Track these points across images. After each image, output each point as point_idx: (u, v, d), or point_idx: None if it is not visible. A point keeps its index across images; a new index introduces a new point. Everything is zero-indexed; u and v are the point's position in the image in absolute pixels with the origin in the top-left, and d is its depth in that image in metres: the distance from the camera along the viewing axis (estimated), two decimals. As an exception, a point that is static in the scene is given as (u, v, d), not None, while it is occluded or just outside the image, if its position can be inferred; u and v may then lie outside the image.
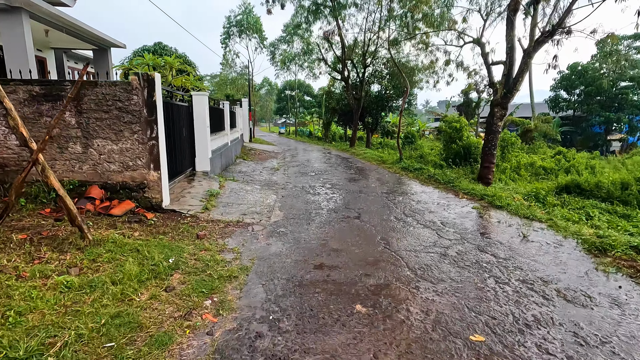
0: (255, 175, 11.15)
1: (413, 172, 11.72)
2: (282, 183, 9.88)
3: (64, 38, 11.50)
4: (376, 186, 9.42)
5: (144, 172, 5.54)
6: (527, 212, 6.69)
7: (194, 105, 8.99)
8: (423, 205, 7.36)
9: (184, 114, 8.62)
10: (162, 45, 14.03)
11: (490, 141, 9.49)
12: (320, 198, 7.83)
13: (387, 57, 22.46)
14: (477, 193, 8.15)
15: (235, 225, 5.55)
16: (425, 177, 10.62)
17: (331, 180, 10.35)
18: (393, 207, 7.09)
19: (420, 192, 8.66)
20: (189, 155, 8.92)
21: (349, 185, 9.55)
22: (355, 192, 8.50)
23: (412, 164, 12.92)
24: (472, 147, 14.69)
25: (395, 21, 14.97)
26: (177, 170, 7.88)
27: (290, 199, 7.66)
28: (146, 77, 5.32)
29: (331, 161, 15.65)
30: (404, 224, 5.96)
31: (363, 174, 11.74)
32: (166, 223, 5.30)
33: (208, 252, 4.41)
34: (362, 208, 6.96)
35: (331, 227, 5.69)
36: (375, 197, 7.97)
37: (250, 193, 7.98)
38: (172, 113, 7.51)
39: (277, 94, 59.13)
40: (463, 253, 4.73)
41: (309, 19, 19.32)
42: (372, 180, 10.50)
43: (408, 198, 8.02)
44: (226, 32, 32.32)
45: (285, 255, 4.47)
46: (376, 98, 25.82)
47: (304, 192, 8.44)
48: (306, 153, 19.78)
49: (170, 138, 7.25)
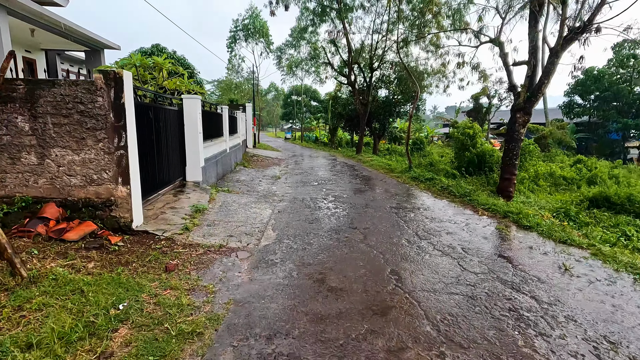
0: (254, 185, 10.25)
1: (424, 182, 10.69)
2: (282, 194, 8.94)
3: (54, 39, 10.80)
4: (384, 199, 8.43)
5: (110, 187, 4.65)
6: (562, 235, 5.64)
7: (185, 109, 8.13)
8: (438, 224, 6.35)
9: (173, 119, 7.77)
10: (160, 47, 13.34)
11: (512, 150, 8.44)
12: (322, 214, 6.87)
13: (395, 60, 21.53)
14: (499, 209, 7.11)
15: (217, 252, 4.61)
16: (438, 189, 9.59)
17: (335, 191, 9.39)
18: (404, 227, 6.10)
19: (433, 207, 7.64)
20: (178, 164, 8.06)
21: (354, 197, 8.57)
22: (361, 207, 7.52)
23: (422, 173, 11.89)
24: (486, 155, 13.62)
25: (404, 22, 14.04)
26: (163, 181, 7.00)
27: (287, 215, 6.71)
28: (113, 76, 4.45)
29: (336, 169, 14.69)
30: (418, 250, 4.96)
31: (370, 184, 10.75)
32: (133, 249, 4.39)
33: (174, 291, 3.48)
34: (368, 227, 5.97)
35: (331, 255, 4.72)
36: (383, 213, 6.98)
37: (243, 207, 7.05)
38: (158, 118, 6.66)
39: (284, 99, 58.55)
40: (495, 294, 3.72)
41: (315, 21, 18.50)
42: (380, 191, 9.51)
43: (421, 215, 7.02)
44: (232, 36, 31.75)
45: (270, 297, 3.51)
46: (383, 103, 24.86)
47: (304, 206, 7.49)
48: (311, 160, 18.87)
49: (155, 146, 6.40)
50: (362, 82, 23.71)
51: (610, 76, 26.69)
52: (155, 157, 6.47)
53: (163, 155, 6.96)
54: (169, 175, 7.36)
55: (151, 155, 6.24)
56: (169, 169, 7.34)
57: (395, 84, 24.41)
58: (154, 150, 6.35)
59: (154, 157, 6.39)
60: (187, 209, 6.23)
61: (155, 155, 6.44)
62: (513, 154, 8.42)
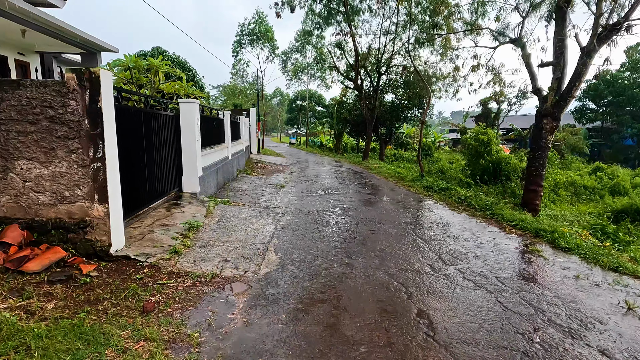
0: (256, 195, 9.52)
1: (438, 193, 9.89)
2: (286, 205, 8.20)
3: (49, 41, 10.22)
4: (398, 212, 7.65)
5: (85, 206, 3.94)
6: (611, 261, 4.82)
7: (181, 115, 7.45)
8: (463, 244, 5.55)
9: (169, 126, 7.09)
10: (161, 50, 12.75)
11: (537, 159, 7.63)
12: (330, 231, 6.10)
13: (403, 64, 20.84)
14: (529, 226, 6.29)
15: (208, 283, 3.86)
16: (454, 201, 8.78)
17: (343, 202, 8.62)
18: (424, 248, 5.31)
19: (453, 223, 6.84)
20: (174, 173, 7.36)
21: (364, 210, 7.80)
22: (373, 222, 6.74)
23: (435, 182, 11.09)
24: (502, 162, 12.80)
25: (415, 24, 13.30)
26: (155, 193, 6.30)
27: (292, 233, 5.95)
28: (88, 76, 3.75)
29: (343, 176, 13.93)
30: (446, 281, 4.18)
31: (380, 194, 9.97)
32: (108, 280, 3.65)
33: (149, 344, 2.73)
34: (384, 249, 5.19)
35: (344, 287, 3.94)
36: (399, 230, 6.20)
37: (243, 223, 6.31)
38: (150, 124, 5.97)
39: (289, 104, 58.06)
40: (554, 348, 2.92)
41: (321, 24, 17.85)
42: (392, 203, 8.72)
43: (441, 232, 6.22)
44: (238, 40, 31.28)
45: (270, 354, 2.74)
46: (390, 108, 24.12)
47: (310, 221, 6.73)
48: (316, 166, 18.13)
49: (145, 155, 5.70)
50: (368, 86, 23.03)
51: (623, 80, 25.73)
52: (146, 167, 5.77)
53: (155, 166, 6.26)
54: (162, 187, 6.65)
55: (140, 166, 5.54)
56: (162, 180, 6.64)
57: (402, 88, 23.70)
58: (143, 160, 5.65)
59: (144, 168, 5.69)
60: (180, 226, 5.49)
61: (145, 165, 5.74)
62: (539, 164, 7.60)
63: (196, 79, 13.90)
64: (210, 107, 10.40)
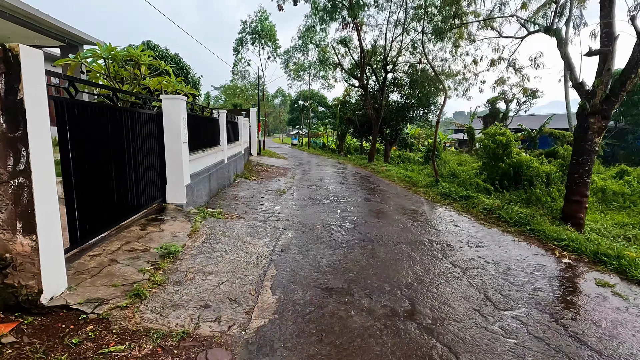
0: (254, 204, 8.34)
1: (458, 201, 8.69)
2: (286, 217, 7.04)
3: (24, 33, 9.09)
4: (417, 227, 6.45)
5: (2, 238, 2.77)
6: None
7: (164, 113, 6.29)
8: (509, 274, 4.35)
9: (150, 126, 5.94)
10: (152, 44, 11.63)
11: (583, 165, 6.41)
12: (340, 255, 4.91)
13: (411, 61, 19.62)
14: (583, 248, 5.08)
15: (174, 350, 2.68)
16: (480, 212, 7.58)
17: (351, 213, 7.45)
18: (462, 281, 4.12)
19: (487, 242, 5.63)
20: (156, 182, 6.20)
21: (378, 225, 6.61)
22: (391, 241, 5.55)
23: (453, 188, 9.89)
24: (523, 166, 11.56)
25: (428, 14, 12.07)
26: (130, 207, 5.13)
27: (293, 258, 4.77)
28: (2, 54, 2.59)
29: (349, 181, 12.75)
30: (508, 339, 2.98)
31: (393, 203, 8.78)
32: (28, 350, 2.48)
33: None
34: (411, 285, 4.00)
35: (370, 357, 2.76)
36: (424, 254, 5.00)
37: (235, 244, 5.13)
38: (120, 124, 4.81)
39: (290, 104, 56.87)
40: None
41: (324, 18, 16.66)
42: (408, 214, 7.53)
43: (476, 255, 5.02)
44: (239, 39, 30.14)
45: None
46: (396, 108, 22.90)
47: (314, 240, 5.55)
48: (319, 169, 16.96)
49: (112, 162, 4.54)
50: (373, 85, 21.83)
51: (638, 79, 24.39)
52: (114, 177, 4.61)
53: (130, 174, 5.09)
54: (140, 199, 5.48)
55: (106, 175, 4.37)
56: (140, 191, 5.47)
57: (407, 87, 22.47)
58: (110, 169, 4.49)
59: (112, 178, 4.53)
60: (154, 251, 4.32)
61: (113, 175, 4.57)
62: (584, 170, 6.39)
63: (190, 76, 12.72)
64: (203, 106, 9.23)
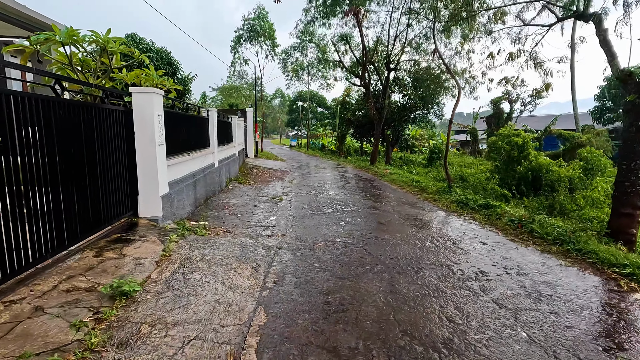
0: (245, 215, 7.23)
1: (478, 211, 7.60)
2: (282, 232, 5.93)
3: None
4: (439, 248, 5.34)
5: None
6: None
7: (135, 109, 5.17)
8: (577, 321, 3.24)
9: (117, 125, 4.82)
10: (137, 38, 10.50)
11: (636, 171, 5.31)
12: (349, 291, 3.79)
13: (415, 59, 18.54)
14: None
15: None
16: (506, 225, 6.47)
17: (358, 227, 6.34)
18: (519, 333, 3.00)
19: (529, 269, 4.52)
20: (125, 192, 5.07)
21: (391, 242, 5.50)
22: (412, 269, 4.44)
23: (470, 196, 8.80)
24: (542, 170, 10.49)
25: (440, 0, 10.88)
26: (84, 225, 4.01)
27: (289, 295, 3.65)
28: None
29: (351, 185, 11.64)
30: None
31: (404, 213, 7.67)
32: None
33: None
34: (451, 340, 2.87)
35: None
36: (455, 287, 3.89)
37: (215, 274, 4.01)
38: (71, 120, 3.70)
39: (289, 105, 55.74)
40: None
41: (326, 12, 15.54)
42: (424, 228, 6.42)
43: (519, 286, 3.91)
44: (237, 36, 29.02)
45: None
46: (398, 108, 21.82)
47: (316, 267, 4.43)
48: (319, 172, 15.85)
49: (62, 167, 3.42)
50: (375, 84, 20.75)
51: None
52: (60, 190, 3.49)
53: (82, 184, 3.97)
54: (99, 215, 4.36)
55: (43, 188, 3.24)
56: (99, 205, 4.34)
57: (410, 86, 21.40)
58: (54, 179, 3.36)
59: (55, 191, 3.40)
60: (102, 290, 3.19)
61: (58, 186, 3.45)
62: (638, 177, 5.29)
63: (179, 72, 11.58)
64: (188, 103, 8.10)
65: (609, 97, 25.28)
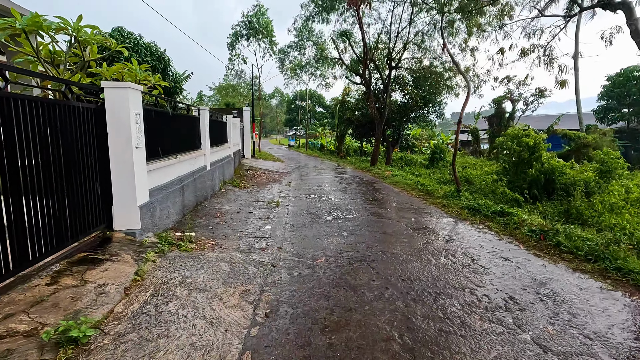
0: (238, 223, 6.53)
1: (492, 218, 6.93)
2: (279, 244, 5.24)
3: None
4: (457, 266, 4.67)
5: None
6: None
7: (108, 107, 4.46)
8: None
9: (86, 125, 4.11)
10: (125, 32, 9.79)
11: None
12: (358, 329, 3.11)
13: (417, 56, 17.86)
14: None
15: None
16: (526, 235, 5.80)
17: (362, 238, 5.66)
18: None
19: (568, 294, 3.84)
20: (96, 202, 4.36)
21: (401, 259, 4.82)
22: (429, 295, 3.76)
23: (480, 201, 8.13)
24: (555, 172, 9.83)
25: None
26: (44, 241, 3.31)
27: (284, 334, 2.95)
28: None
29: (352, 188, 10.96)
30: None
31: (413, 222, 6.99)
32: None
33: None
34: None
35: None
36: (484, 320, 3.21)
37: (195, 304, 3.31)
38: (29, 121, 3.01)
39: (287, 104, 54.98)
40: None
41: (325, 6, 14.82)
42: (436, 240, 5.74)
43: (564, 321, 3.24)
44: (234, 33, 28.24)
45: None
46: (399, 108, 21.13)
47: (317, 293, 3.74)
48: (318, 173, 15.16)
49: (9, 175, 2.73)
50: (375, 83, 20.05)
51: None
52: (10, 200, 2.79)
53: (34, 196, 3.27)
54: (62, 230, 3.65)
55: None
56: (63, 218, 3.64)
57: (411, 85, 20.71)
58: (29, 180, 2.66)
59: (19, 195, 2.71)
60: (44, 337, 2.49)
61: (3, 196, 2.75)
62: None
63: (169, 68, 10.85)
64: (175, 101, 7.39)
65: (612, 96, 24.66)
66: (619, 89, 23.86)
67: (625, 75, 23.46)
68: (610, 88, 24.51)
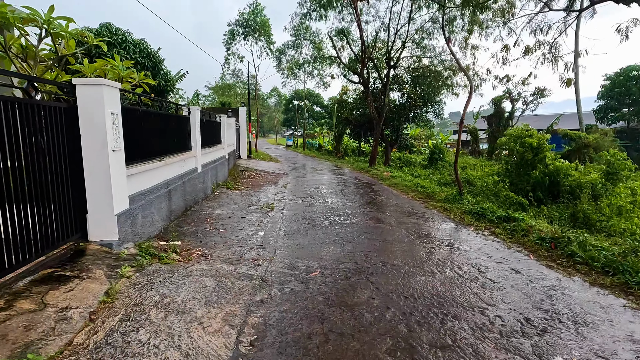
0: (229, 230, 6.12)
1: (497, 224, 6.54)
2: (270, 254, 4.83)
3: None
4: (463, 279, 4.27)
5: None
6: None
7: (80, 107, 4.02)
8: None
9: (55, 125, 3.68)
10: (113, 28, 9.34)
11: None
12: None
13: (416, 55, 17.47)
14: None
15: None
16: (535, 244, 5.41)
17: (361, 246, 5.25)
18: None
19: (591, 315, 3.45)
20: (68, 210, 3.92)
21: (403, 271, 4.41)
22: (435, 317, 3.36)
23: (484, 205, 7.74)
24: (561, 174, 9.46)
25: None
26: (2, 254, 2.89)
27: (271, 365, 2.56)
28: None
29: (350, 191, 10.55)
30: None
31: (414, 228, 6.59)
32: None
33: None
34: None
35: None
36: (500, 350, 2.82)
37: (170, 330, 2.90)
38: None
39: (285, 104, 54.50)
40: None
41: (323, 3, 14.39)
42: (439, 249, 5.34)
43: (594, 356, 2.85)
44: (231, 31, 27.76)
45: None
46: (397, 107, 20.74)
47: (311, 315, 3.33)
48: (315, 175, 14.75)
49: None
50: (373, 82, 19.65)
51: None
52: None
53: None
54: (24, 244, 3.23)
55: None
56: (21, 232, 3.21)
57: (410, 84, 20.31)
58: None
59: None
60: (-16, 378, 2.08)
61: None
62: None
63: (159, 66, 10.40)
64: (161, 99, 6.96)
65: (612, 95, 24.37)
66: (619, 88, 23.56)
67: (625, 74, 23.15)
68: (610, 87, 24.21)
